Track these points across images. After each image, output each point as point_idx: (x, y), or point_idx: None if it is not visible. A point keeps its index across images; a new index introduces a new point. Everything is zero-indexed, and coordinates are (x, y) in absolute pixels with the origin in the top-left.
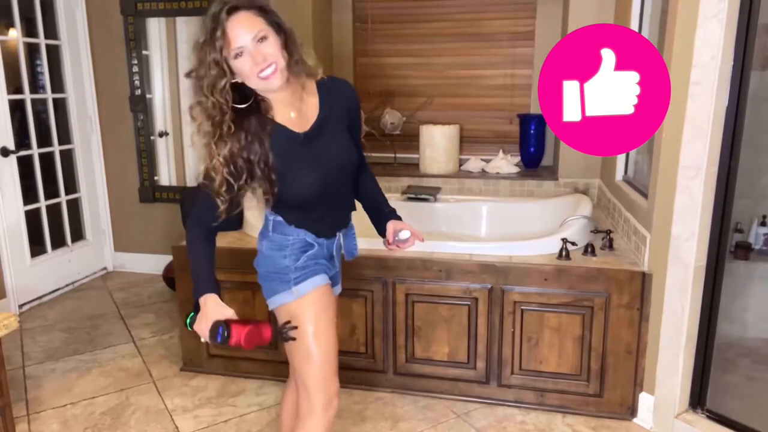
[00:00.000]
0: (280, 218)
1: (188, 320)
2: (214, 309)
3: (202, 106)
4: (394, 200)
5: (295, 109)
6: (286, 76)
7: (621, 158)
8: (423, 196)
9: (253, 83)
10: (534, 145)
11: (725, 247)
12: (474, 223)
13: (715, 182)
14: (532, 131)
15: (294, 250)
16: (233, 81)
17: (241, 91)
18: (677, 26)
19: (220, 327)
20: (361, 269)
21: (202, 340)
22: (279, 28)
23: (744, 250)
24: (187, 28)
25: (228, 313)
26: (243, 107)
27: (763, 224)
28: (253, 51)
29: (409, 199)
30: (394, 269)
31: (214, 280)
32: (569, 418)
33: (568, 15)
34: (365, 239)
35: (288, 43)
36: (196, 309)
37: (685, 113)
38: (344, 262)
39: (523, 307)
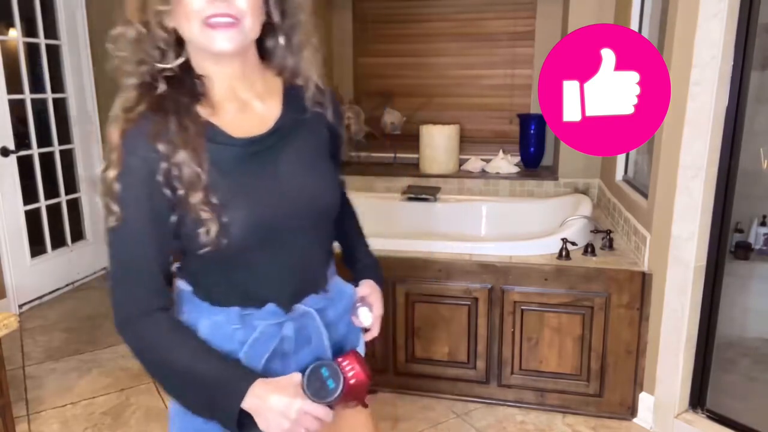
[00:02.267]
0: (188, 288)
1: None
2: (276, 390)
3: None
4: (394, 200)
5: (242, 104)
6: (246, 47)
7: (621, 158)
8: (423, 196)
9: (194, 31)
10: (534, 145)
11: (725, 247)
12: (474, 223)
13: (715, 182)
14: (532, 131)
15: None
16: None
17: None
18: (677, 26)
19: (322, 369)
20: None
21: None
22: None
23: (744, 250)
24: None
25: (297, 378)
26: (170, 66)
27: (763, 224)
28: None
29: (409, 199)
30: (395, 269)
31: (241, 366)
32: (569, 418)
33: (568, 15)
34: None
35: (283, 13)
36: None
37: (685, 113)
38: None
39: (523, 307)
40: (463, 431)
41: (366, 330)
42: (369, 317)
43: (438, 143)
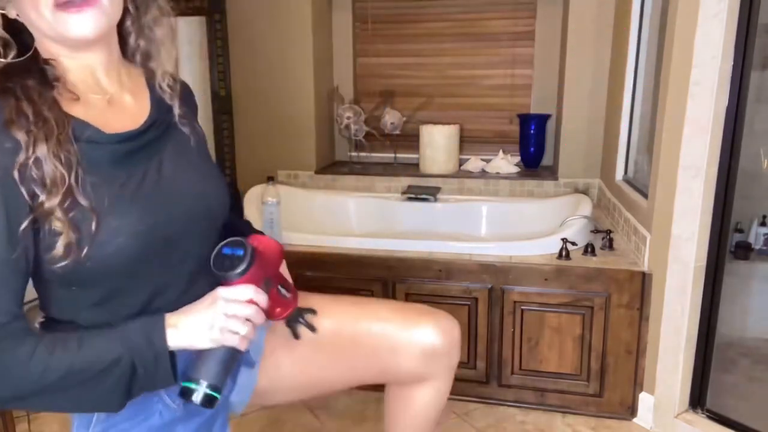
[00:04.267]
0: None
1: (192, 386)
2: (191, 307)
3: None
4: (394, 200)
5: (109, 98)
6: (109, 31)
7: (621, 158)
8: (423, 196)
9: (45, 16)
10: (534, 145)
11: (725, 247)
12: (474, 223)
13: (715, 182)
14: (532, 131)
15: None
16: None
17: (15, 41)
18: (677, 26)
19: (223, 249)
20: (361, 269)
21: (244, 332)
22: None
23: (744, 250)
24: (188, 28)
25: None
26: (13, 62)
27: (763, 224)
28: None
29: (409, 199)
30: (395, 269)
31: (137, 319)
32: (569, 418)
33: (568, 15)
34: (365, 239)
35: None
36: (187, 379)
37: (685, 113)
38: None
39: (523, 307)
40: (463, 431)
41: None
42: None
43: (438, 143)
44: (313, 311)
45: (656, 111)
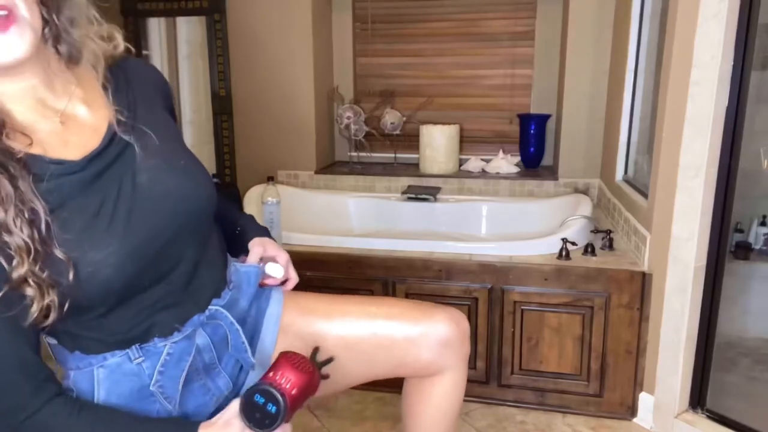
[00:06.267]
0: (53, 341)
1: None
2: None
3: None
4: (395, 200)
5: (62, 117)
6: (38, 44)
7: (621, 158)
8: (423, 196)
9: None
10: (534, 145)
11: (725, 247)
12: (474, 223)
13: (715, 182)
14: (532, 131)
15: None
16: None
17: None
18: (677, 26)
19: (255, 397)
20: (361, 269)
21: None
22: None
23: (744, 250)
24: (187, 28)
25: (236, 407)
26: None
27: (763, 224)
28: None
29: (409, 199)
30: (395, 269)
31: (175, 421)
32: (569, 418)
33: (568, 15)
34: (365, 238)
35: None
36: None
37: (685, 113)
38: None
39: (523, 307)
40: (463, 431)
41: (284, 282)
42: (279, 268)
43: (438, 143)
44: (330, 360)
45: (656, 111)
